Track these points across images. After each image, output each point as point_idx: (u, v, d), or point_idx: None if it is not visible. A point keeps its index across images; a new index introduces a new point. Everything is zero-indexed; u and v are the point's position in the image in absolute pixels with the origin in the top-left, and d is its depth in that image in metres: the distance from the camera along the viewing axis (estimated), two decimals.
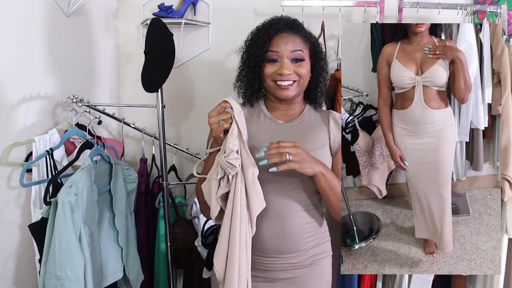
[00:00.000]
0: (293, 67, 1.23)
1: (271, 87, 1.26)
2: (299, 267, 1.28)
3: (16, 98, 1.46)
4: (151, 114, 2.10)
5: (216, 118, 1.13)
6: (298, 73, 1.23)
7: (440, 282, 1.88)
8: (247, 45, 1.30)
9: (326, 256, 1.34)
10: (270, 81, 1.25)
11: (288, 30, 1.26)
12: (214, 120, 1.13)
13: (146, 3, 2.10)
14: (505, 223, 1.63)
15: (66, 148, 1.63)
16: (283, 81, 1.22)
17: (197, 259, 1.91)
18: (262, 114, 1.33)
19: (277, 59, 1.23)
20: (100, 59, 2.01)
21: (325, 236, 1.35)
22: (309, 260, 1.29)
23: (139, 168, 1.92)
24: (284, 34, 1.25)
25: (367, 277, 1.82)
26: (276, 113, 1.32)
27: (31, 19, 1.52)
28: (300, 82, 1.25)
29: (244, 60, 1.31)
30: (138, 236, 1.76)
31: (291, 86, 1.23)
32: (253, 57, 1.25)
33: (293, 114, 1.33)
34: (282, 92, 1.24)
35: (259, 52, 1.24)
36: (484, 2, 1.95)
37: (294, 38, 1.25)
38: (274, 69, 1.23)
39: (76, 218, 1.29)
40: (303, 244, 1.27)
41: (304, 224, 1.26)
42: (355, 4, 1.87)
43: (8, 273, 1.47)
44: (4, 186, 1.44)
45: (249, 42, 1.29)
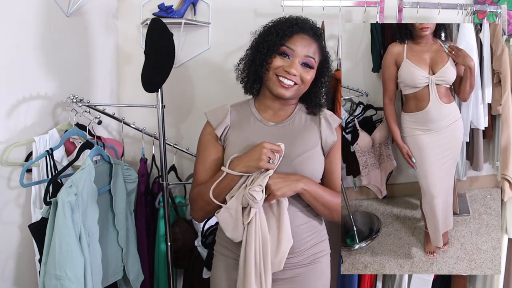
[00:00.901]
0: (300, 70, 1.22)
1: (271, 80, 1.24)
2: (299, 266, 1.28)
3: (16, 98, 1.46)
4: (151, 114, 2.10)
5: (270, 152, 1.15)
6: (303, 78, 1.23)
7: (440, 282, 1.88)
8: (265, 30, 1.28)
9: (325, 254, 1.35)
10: (273, 74, 1.23)
11: (311, 33, 1.25)
12: (268, 152, 1.15)
13: (146, 3, 2.10)
14: (505, 223, 1.63)
15: (66, 148, 1.63)
16: (287, 79, 1.22)
17: (197, 259, 1.91)
18: (252, 116, 1.31)
19: (289, 55, 1.23)
20: (100, 59, 2.01)
21: (323, 235, 1.36)
22: (309, 259, 1.29)
23: (139, 168, 1.92)
24: (306, 36, 1.24)
25: (367, 277, 1.82)
26: (267, 114, 1.31)
27: (31, 19, 1.52)
28: (300, 88, 1.25)
29: (256, 44, 1.28)
30: (138, 236, 1.76)
31: (291, 87, 1.23)
32: (267, 44, 1.24)
33: (284, 115, 1.32)
34: (280, 90, 1.23)
35: (276, 42, 1.22)
36: (484, 2, 1.95)
37: (312, 43, 1.25)
38: (283, 64, 1.22)
39: (76, 218, 1.29)
40: (302, 244, 1.27)
41: (302, 224, 1.27)
42: (355, 4, 1.87)
43: (8, 273, 1.47)
44: (4, 186, 1.44)
45: (269, 29, 1.27)
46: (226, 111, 1.31)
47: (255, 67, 1.26)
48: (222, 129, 1.28)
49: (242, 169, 1.16)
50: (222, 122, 1.29)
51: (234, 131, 1.29)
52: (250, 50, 1.31)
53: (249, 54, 1.31)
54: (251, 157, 1.15)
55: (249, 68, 1.29)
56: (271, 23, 1.29)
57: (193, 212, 1.33)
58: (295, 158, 1.24)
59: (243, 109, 1.33)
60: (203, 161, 1.30)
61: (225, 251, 1.32)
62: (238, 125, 1.29)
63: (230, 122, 1.29)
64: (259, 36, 1.29)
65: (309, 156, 1.26)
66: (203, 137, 1.33)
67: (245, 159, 1.16)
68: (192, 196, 1.31)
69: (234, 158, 1.20)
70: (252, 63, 1.28)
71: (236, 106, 1.35)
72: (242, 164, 1.17)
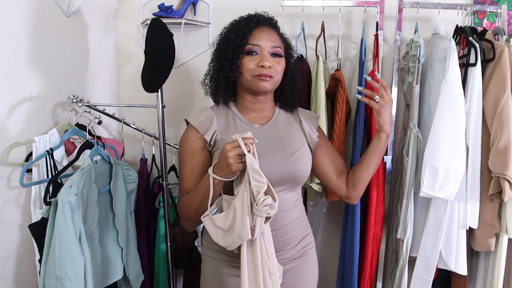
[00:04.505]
0: (272, 61, 1.22)
1: (248, 81, 1.23)
2: (291, 260, 1.30)
3: (16, 98, 1.46)
4: (151, 114, 2.10)
5: (235, 154, 1.06)
6: (275, 69, 1.23)
7: (440, 282, 1.88)
8: (223, 37, 1.28)
9: (312, 247, 1.38)
10: (249, 76, 1.22)
11: (267, 24, 1.27)
12: (232, 155, 1.06)
13: (146, 3, 2.10)
14: (505, 223, 1.63)
15: (66, 148, 1.63)
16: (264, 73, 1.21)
17: (197, 259, 1.91)
18: (237, 119, 1.29)
19: (256, 51, 1.23)
20: (100, 59, 2.01)
21: (307, 228, 1.39)
22: (299, 253, 1.32)
23: (139, 168, 1.92)
24: (264, 28, 1.26)
25: (367, 277, 1.83)
26: (250, 116, 1.30)
27: (31, 19, 1.52)
28: (275, 79, 1.25)
29: (219, 52, 1.27)
30: (138, 236, 1.76)
31: (270, 78, 1.23)
32: (231, 49, 1.23)
33: (267, 116, 1.33)
34: (260, 83, 1.22)
35: (238, 43, 1.22)
36: (484, 2, 1.95)
37: (273, 33, 1.26)
38: (254, 62, 1.22)
39: (76, 218, 1.29)
40: (293, 240, 1.30)
41: (293, 222, 1.29)
42: (355, 4, 1.87)
43: (8, 273, 1.47)
44: (4, 186, 1.44)
45: (226, 35, 1.27)
46: (212, 116, 1.27)
47: (225, 74, 1.25)
48: (211, 134, 1.24)
49: (224, 176, 1.11)
50: (210, 127, 1.25)
51: (223, 135, 1.25)
52: (214, 61, 1.30)
53: (214, 65, 1.30)
54: (222, 166, 1.09)
55: (218, 78, 1.27)
56: (225, 29, 1.30)
57: (183, 222, 1.28)
58: (289, 157, 1.25)
59: (226, 112, 1.30)
60: (190, 169, 1.25)
61: (213, 253, 1.29)
62: (226, 128, 1.26)
63: (217, 126, 1.26)
64: (219, 44, 1.29)
65: (301, 154, 1.28)
66: (188, 143, 1.26)
67: (220, 167, 1.11)
68: (180, 205, 1.26)
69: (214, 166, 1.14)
70: (220, 71, 1.27)
71: (218, 110, 1.31)
72: (220, 173, 1.11)
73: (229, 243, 1.09)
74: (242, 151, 1.06)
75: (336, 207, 2.14)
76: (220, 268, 1.27)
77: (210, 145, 1.25)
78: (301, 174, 1.27)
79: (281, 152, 1.25)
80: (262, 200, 1.04)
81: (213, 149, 1.26)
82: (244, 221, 1.05)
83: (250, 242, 1.10)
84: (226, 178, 1.11)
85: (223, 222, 1.10)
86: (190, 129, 1.27)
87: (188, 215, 1.23)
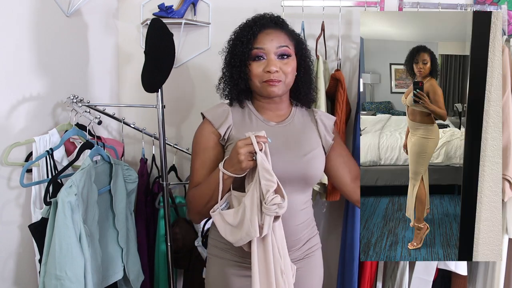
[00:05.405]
0: (279, 64, 1.21)
1: (258, 87, 1.24)
2: (296, 261, 1.29)
3: (16, 98, 1.47)
4: (151, 114, 2.10)
5: (246, 151, 1.06)
6: (284, 71, 1.21)
7: (440, 282, 1.88)
8: (230, 45, 1.28)
9: (318, 248, 1.37)
10: (258, 82, 1.23)
11: (272, 26, 1.25)
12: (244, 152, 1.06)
13: (146, 3, 2.10)
14: (505, 223, 1.63)
15: (66, 148, 1.63)
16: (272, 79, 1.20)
17: (197, 259, 1.91)
18: (253, 116, 1.29)
19: (263, 56, 1.22)
20: (100, 59, 2.01)
21: (315, 229, 1.38)
22: (304, 254, 1.31)
23: (139, 168, 1.92)
24: (269, 30, 1.24)
25: (367, 277, 1.83)
26: (267, 114, 1.30)
27: (31, 19, 1.52)
28: (286, 82, 1.24)
29: (228, 60, 1.28)
30: (138, 236, 1.76)
31: (279, 83, 1.22)
32: (238, 56, 1.23)
33: (283, 114, 1.32)
34: (269, 88, 1.21)
35: (244, 50, 1.22)
36: (484, 2, 1.95)
37: (279, 34, 1.24)
38: (261, 68, 1.21)
39: (76, 218, 1.29)
40: (300, 241, 1.29)
41: (301, 223, 1.28)
42: (355, 4, 1.87)
43: (8, 273, 1.47)
44: (4, 186, 1.44)
45: (233, 41, 1.27)
46: (227, 110, 1.28)
47: (236, 81, 1.26)
48: (225, 128, 1.25)
49: (234, 172, 1.11)
50: (225, 121, 1.26)
51: (237, 130, 1.26)
52: (225, 68, 1.31)
53: (224, 73, 1.30)
54: (232, 162, 1.10)
55: (230, 84, 1.28)
56: (233, 34, 1.29)
57: (190, 214, 1.30)
58: (302, 157, 1.24)
59: (242, 108, 1.32)
60: (202, 162, 1.26)
61: (220, 252, 1.29)
62: (241, 124, 1.27)
63: (232, 122, 1.27)
64: (228, 52, 1.29)
65: (314, 155, 1.26)
66: (202, 137, 1.28)
67: (230, 163, 1.12)
68: (189, 197, 1.28)
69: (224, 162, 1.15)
70: (231, 79, 1.27)
71: (233, 106, 1.32)
72: (230, 168, 1.12)
73: (237, 239, 1.10)
74: (254, 149, 1.07)
75: (336, 207, 2.14)
76: (226, 267, 1.27)
77: (224, 139, 1.25)
78: (313, 174, 1.26)
79: (295, 151, 1.24)
80: (271, 199, 1.04)
81: (226, 144, 1.26)
82: (252, 219, 1.05)
83: (261, 241, 1.09)
84: (235, 174, 1.11)
85: (232, 218, 1.11)
86: (205, 123, 1.28)
87: (196, 208, 1.24)
